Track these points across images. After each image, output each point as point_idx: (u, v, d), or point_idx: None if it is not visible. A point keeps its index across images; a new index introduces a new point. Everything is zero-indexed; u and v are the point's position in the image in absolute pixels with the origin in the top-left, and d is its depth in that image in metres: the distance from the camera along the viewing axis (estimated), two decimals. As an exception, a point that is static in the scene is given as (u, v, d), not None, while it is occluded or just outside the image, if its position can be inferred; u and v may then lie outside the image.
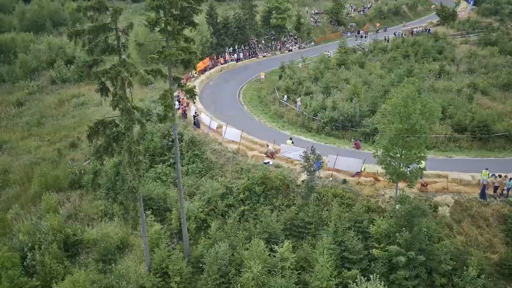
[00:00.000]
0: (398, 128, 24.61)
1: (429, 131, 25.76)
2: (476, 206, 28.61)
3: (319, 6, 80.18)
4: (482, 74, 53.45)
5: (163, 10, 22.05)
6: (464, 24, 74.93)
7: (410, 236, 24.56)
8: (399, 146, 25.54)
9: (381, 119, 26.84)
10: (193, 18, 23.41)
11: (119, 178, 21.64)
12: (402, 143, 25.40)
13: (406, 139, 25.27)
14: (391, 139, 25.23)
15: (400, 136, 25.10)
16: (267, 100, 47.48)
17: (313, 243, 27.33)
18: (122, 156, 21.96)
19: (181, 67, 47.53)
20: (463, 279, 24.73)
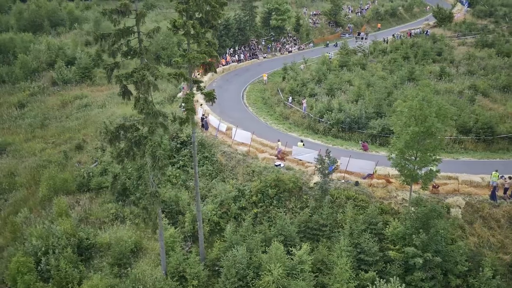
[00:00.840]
0: (415, 131, 24.84)
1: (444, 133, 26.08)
2: (487, 208, 28.98)
3: (317, 7, 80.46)
4: (482, 76, 54.10)
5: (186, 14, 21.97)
6: (460, 26, 75.83)
7: (426, 238, 24.82)
8: (415, 148, 25.82)
9: (397, 122, 27.06)
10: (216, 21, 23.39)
11: (142, 182, 21.51)
12: (417, 146, 25.68)
13: (422, 141, 25.53)
14: (407, 142, 25.45)
15: (416, 139, 25.37)
16: (272, 101, 47.57)
17: (328, 245, 27.50)
18: (142, 160, 21.88)
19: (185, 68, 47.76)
20: (478, 280, 25.08)
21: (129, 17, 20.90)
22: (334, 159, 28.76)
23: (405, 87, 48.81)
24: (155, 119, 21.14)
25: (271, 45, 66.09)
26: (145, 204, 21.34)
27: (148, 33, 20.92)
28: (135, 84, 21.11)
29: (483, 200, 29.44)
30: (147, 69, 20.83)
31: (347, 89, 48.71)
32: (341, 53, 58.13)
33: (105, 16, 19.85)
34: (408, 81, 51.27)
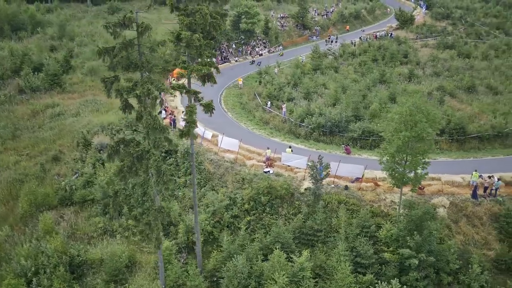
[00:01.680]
0: (406, 135, 25.73)
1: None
2: (470, 207, 30.40)
3: (284, 10, 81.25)
4: (447, 77, 56.53)
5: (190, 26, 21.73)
6: (421, 28, 78.74)
7: (420, 239, 25.78)
8: (406, 153, 26.74)
9: (387, 127, 27.92)
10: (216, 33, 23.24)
11: (147, 198, 21.08)
12: (408, 150, 26.60)
13: (412, 146, 26.46)
14: (399, 146, 26.32)
15: (407, 143, 26.27)
16: (250, 106, 47.68)
17: (324, 250, 27.98)
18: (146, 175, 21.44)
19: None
20: (468, 276, 26.26)
21: (130, 29, 20.46)
22: (327, 165, 29.27)
23: (378, 90, 50.41)
24: (161, 134, 20.78)
25: (241, 49, 66.15)
26: (149, 219, 20.93)
27: (151, 46, 20.49)
28: (138, 98, 20.68)
29: (466, 199, 30.86)
30: (151, 82, 20.45)
31: (323, 93, 49.59)
32: (313, 56, 59.03)
33: (108, 29, 19.31)
34: (380, 84, 52.91)
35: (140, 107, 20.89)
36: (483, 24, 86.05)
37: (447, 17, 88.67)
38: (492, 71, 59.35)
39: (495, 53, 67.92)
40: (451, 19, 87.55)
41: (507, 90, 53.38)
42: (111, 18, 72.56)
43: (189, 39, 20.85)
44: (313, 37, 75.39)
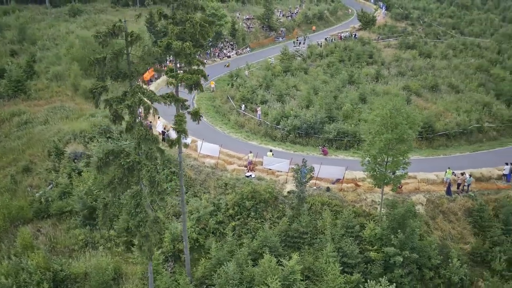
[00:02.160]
0: (388, 137, 26.58)
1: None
2: (445, 203, 31.77)
3: (249, 12, 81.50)
4: (411, 76, 58.59)
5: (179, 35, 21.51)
6: (383, 29, 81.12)
7: (404, 237, 26.69)
8: (387, 154, 27.59)
9: (368, 130, 28.73)
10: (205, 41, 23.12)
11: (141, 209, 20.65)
12: (390, 152, 27.47)
13: (394, 147, 27.35)
14: (381, 148, 27.14)
15: (389, 145, 27.13)
16: (224, 110, 47.60)
17: (310, 252, 28.43)
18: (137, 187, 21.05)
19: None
20: (448, 270, 27.52)
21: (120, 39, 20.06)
22: (311, 168, 29.74)
23: (348, 90, 51.58)
24: (154, 145, 20.47)
25: (210, 51, 65.86)
26: (146, 231, 20.55)
27: (141, 56, 20.18)
28: (129, 108, 20.29)
29: (441, 196, 32.21)
30: (142, 92, 20.12)
31: (295, 95, 50.22)
32: (282, 58, 59.61)
33: (98, 39, 18.83)
34: (349, 84, 54.13)
35: (131, 117, 20.50)
36: (440, 24, 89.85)
37: (406, 18, 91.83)
38: (452, 70, 62.04)
39: (453, 53, 71.16)
40: (410, 20, 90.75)
41: (467, 89, 55.93)
42: (73, 21, 70.47)
43: (180, 48, 20.65)
44: (279, 38, 76.09)
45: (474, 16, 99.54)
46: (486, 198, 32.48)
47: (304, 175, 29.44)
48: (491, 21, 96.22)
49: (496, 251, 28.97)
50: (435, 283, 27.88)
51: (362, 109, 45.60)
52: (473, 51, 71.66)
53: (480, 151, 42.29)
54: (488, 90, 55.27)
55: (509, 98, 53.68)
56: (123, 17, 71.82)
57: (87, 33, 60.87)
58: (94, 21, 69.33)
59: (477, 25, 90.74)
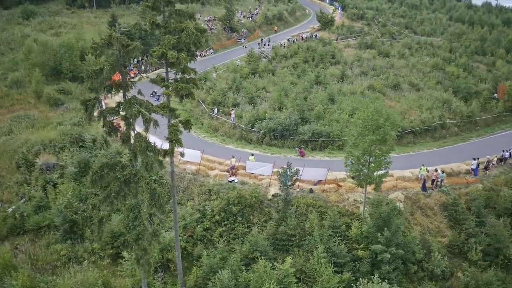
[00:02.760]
0: (372, 139, 27.48)
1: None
2: (422, 199, 33.28)
3: (209, 13, 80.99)
4: (373, 76, 60.54)
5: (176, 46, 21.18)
6: (341, 29, 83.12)
7: (390, 235, 27.71)
8: (369, 154, 28.51)
9: (350, 132, 29.54)
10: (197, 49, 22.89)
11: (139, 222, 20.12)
12: (372, 152, 28.40)
13: (375, 148, 28.29)
14: (365, 149, 28.01)
15: (372, 146, 28.04)
16: (196, 113, 47.14)
17: (300, 254, 28.88)
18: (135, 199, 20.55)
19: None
20: (431, 263, 28.90)
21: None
22: (296, 171, 30.17)
23: (315, 91, 52.54)
24: (154, 156, 20.09)
25: (173, 53, 64.83)
26: (144, 245, 20.13)
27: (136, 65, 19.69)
28: (126, 120, 19.81)
29: (417, 192, 33.72)
30: (140, 103, 19.70)
31: (265, 97, 50.59)
32: (249, 60, 59.79)
33: (95, 51, 18.23)
34: (316, 85, 55.13)
35: (127, 129, 20.02)
36: (393, 24, 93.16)
37: (361, 18, 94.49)
38: (411, 69, 64.71)
39: (409, 52, 74.19)
40: (365, 20, 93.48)
41: (426, 86, 58.58)
42: (26, 23, 67.24)
43: (176, 58, 20.40)
44: (241, 40, 76.14)
45: (424, 15, 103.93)
46: (458, 192, 34.30)
47: (289, 178, 29.85)
48: (439, 20, 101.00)
49: (472, 243, 30.70)
50: (419, 276, 29.19)
51: (332, 109, 46.73)
52: (428, 50, 75.02)
53: (445, 146, 44.57)
54: (445, 88, 58.11)
55: (465, 95, 56.73)
56: (81, 19, 69.62)
57: (46, 37, 58.50)
58: (49, 24, 66.49)
59: (427, 25, 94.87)
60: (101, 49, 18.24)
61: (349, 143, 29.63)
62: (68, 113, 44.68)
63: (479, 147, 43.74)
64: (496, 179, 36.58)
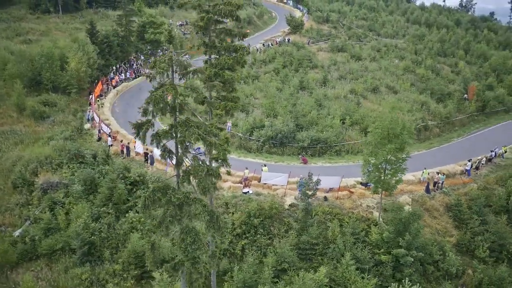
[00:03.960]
0: (391, 148, 28.59)
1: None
2: (428, 201, 34.90)
3: (180, 18, 79.90)
4: (352, 80, 62.28)
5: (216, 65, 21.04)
6: (311, 32, 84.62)
7: (410, 238, 28.93)
8: (388, 162, 29.62)
9: (368, 142, 30.51)
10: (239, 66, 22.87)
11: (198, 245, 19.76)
12: (390, 160, 29.53)
13: (395, 155, 29.43)
14: (384, 157, 29.06)
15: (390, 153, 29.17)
16: (190, 123, 46.44)
17: (324, 262, 29.47)
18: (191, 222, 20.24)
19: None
20: (446, 263, 30.43)
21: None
22: (318, 181, 30.74)
23: (301, 96, 53.36)
24: (216, 179, 19.89)
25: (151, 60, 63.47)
26: (200, 268, 19.86)
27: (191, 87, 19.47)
28: (180, 143, 19.48)
29: (422, 195, 35.29)
30: (196, 126, 19.42)
31: (255, 103, 50.79)
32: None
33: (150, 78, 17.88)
34: (301, 90, 55.98)
35: (182, 152, 19.70)
36: (357, 27, 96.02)
37: (326, 21, 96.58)
38: (384, 72, 67.14)
39: (379, 54, 76.83)
40: (330, 23, 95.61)
41: (402, 88, 61.13)
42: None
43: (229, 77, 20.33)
44: (215, 44, 75.63)
45: (384, 18, 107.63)
46: (457, 193, 36.26)
47: (311, 187, 30.40)
48: (398, 22, 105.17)
49: (478, 240, 32.60)
50: (435, 276, 30.64)
51: (323, 114, 47.75)
52: (395, 53, 78.04)
53: (433, 148, 46.87)
54: (420, 90, 60.92)
55: (439, 96, 59.83)
56: (49, 25, 66.42)
57: (14, 45, 55.51)
58: (15, 30, 62.96)
59: (389, 27, 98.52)
60: (161, 73, 17.88)
61: (367, 151, 30.58)
62: (56, 126, 42.73)
63: (463, 147, 46.49)
64: (487, 178, 39.00)
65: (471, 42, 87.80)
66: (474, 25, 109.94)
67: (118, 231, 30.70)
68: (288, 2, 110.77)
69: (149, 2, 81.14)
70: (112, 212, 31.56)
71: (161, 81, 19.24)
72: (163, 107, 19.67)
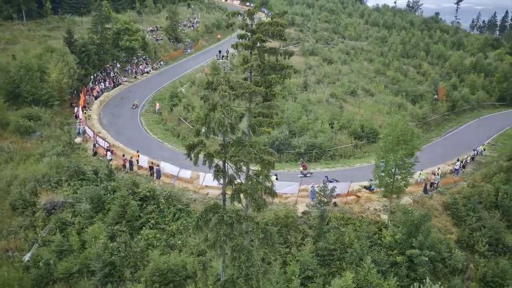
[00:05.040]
0: (403, 154, 30.00)
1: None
2: (427, 201, 36.75)
3: (149, 23, 78.47)
4: (329, 83, 63.91)
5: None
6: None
7: (423, 239, 30.47)
8: (399, 167, 31.03)
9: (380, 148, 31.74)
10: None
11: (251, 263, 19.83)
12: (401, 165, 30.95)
13: (405, 161, 30.88)
14: (396, 162, 30.44)
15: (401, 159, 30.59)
16: (183, 134, 46.02)
17: (343, 267, 30.38)
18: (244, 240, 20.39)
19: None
20: (453, 260, 32.26)
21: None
22: (333, 188, 31.61)
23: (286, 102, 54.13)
24: (273, 197, 20.13)
25: (127, 68, 62.17)
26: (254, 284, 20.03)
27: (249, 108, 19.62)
28: (235, 163, 19.60)
29: (421, 196, 37.11)
30: (250, 145, 19.58)
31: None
32: (213, 72, 59.47)
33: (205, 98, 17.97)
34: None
35: (237, 171, 19.82)
36: (322, 30, 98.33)
37: (292, 24, 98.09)
38: (356, 74, 69.42)
39: (348, 57, 79.14)
40: (296, 26, 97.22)
41: (377, 91, 63.55)
42: None
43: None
44: (187, 50, 75.17)
45: (345, 20, 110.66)
46: (451, 192, 38.45)
47: (327, 194, 31.25)
48: (359, 24, 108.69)
49: (477, 236, 34.74)
50: (443, 272, 32.39)
51: (311, 119, 48.85)
52: (363, 55, 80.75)
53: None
54: (393, 91, 63.60)
55: (413, 97, 62.78)
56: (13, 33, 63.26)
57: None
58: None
59: (352, 29, 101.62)
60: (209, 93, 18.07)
61: (378, 157, 31.83)
62: (45, 141, 40.98)
63: (445, 145, 49.09)
64: (474, 176, 41.61)
65: (430, 44, 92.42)
66: (428, 26, 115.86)
67: (134, 249, 30.06)
68: (251, 5, 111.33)
69: (116, 7, 79.08)
70: (126, 230, 30.89)
71: (214, 101, 19.34)
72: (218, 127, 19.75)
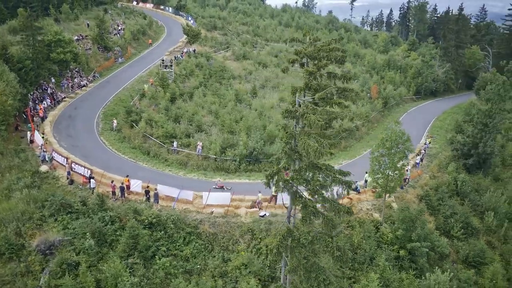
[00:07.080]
0: (400, 156, 32.64)
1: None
2: (405, 196, 40.13)
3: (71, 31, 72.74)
4: (273, 88, 65.48)
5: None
6: (210, 41, 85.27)
7: (421, 232, 33.46)
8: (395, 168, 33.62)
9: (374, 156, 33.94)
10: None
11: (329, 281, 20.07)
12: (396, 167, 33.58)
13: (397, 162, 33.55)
14: (394, 165, 32.96)
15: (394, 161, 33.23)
16: (153, 150, 44.11)
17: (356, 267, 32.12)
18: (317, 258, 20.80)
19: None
20: (440, 246, 35.81)
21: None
22: (340, 194, 33.08)
23: (241, 109, 54.52)
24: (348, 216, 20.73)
25: (63, 82, 57.31)
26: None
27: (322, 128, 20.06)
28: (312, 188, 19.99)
29: (399, 192, 40.35)
30: (323, 168, 20.09)
31: (206, 122, 50.16)
32: (162, 83, 57.54)
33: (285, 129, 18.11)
34: (238, 103, 56.93)
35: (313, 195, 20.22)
36: (244, 32, 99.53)
37: (214, 28, 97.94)
38: (293, 77, 71.74)
39: (278, 60, 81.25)
40: (219, 30, 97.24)
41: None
42: None
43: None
44: (118, 60, 71.45)
45: (259, 21, 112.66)
46: (420, 184, 42.44)
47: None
48: (275, 26, 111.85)
49: (452, 222, 38.94)
50: (434, 259, 35.81)
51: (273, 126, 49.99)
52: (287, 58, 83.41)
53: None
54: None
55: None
56: None
57: None
58: None
59: (270, 31, 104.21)
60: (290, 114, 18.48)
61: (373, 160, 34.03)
62: (7, 174, 36.57)
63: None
64: (430, 168, 46.29)
65: (345, 44, 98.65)
66: (334, 26, 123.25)
67: (153, 280, 28.73)
68: (167, 9, 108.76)
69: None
70: (140, 261, 29.28)
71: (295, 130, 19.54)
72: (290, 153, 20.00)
